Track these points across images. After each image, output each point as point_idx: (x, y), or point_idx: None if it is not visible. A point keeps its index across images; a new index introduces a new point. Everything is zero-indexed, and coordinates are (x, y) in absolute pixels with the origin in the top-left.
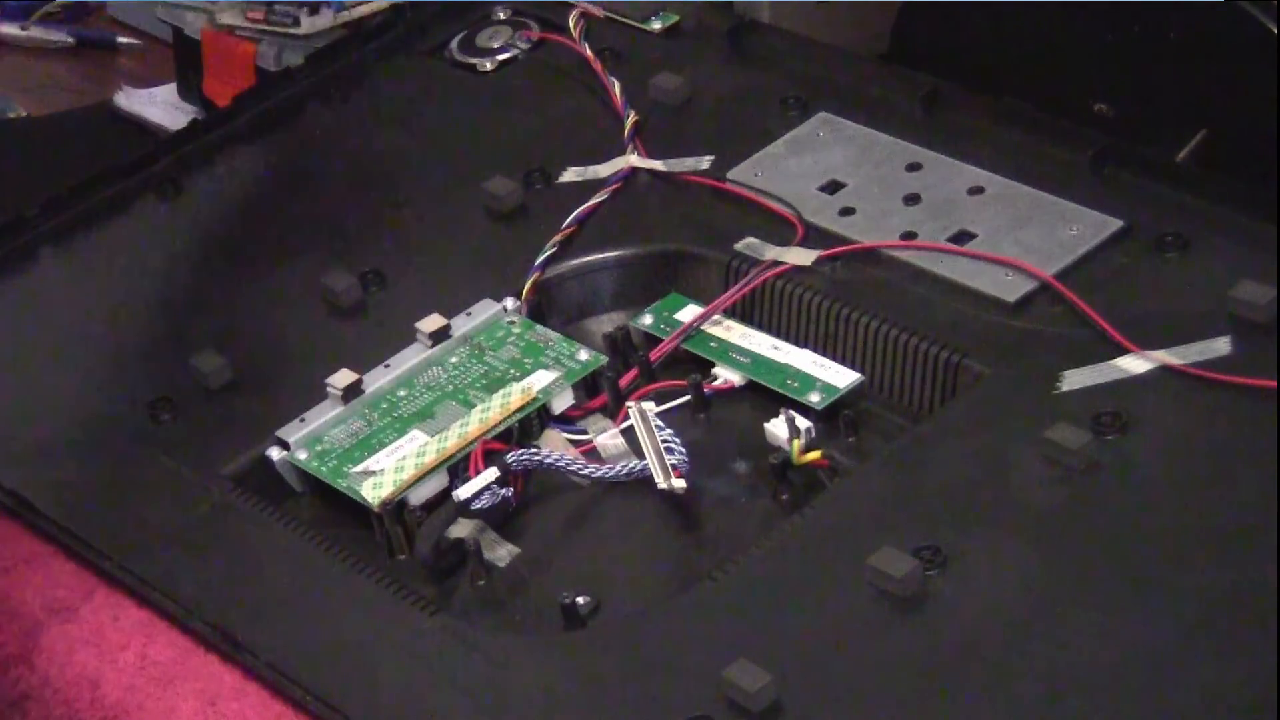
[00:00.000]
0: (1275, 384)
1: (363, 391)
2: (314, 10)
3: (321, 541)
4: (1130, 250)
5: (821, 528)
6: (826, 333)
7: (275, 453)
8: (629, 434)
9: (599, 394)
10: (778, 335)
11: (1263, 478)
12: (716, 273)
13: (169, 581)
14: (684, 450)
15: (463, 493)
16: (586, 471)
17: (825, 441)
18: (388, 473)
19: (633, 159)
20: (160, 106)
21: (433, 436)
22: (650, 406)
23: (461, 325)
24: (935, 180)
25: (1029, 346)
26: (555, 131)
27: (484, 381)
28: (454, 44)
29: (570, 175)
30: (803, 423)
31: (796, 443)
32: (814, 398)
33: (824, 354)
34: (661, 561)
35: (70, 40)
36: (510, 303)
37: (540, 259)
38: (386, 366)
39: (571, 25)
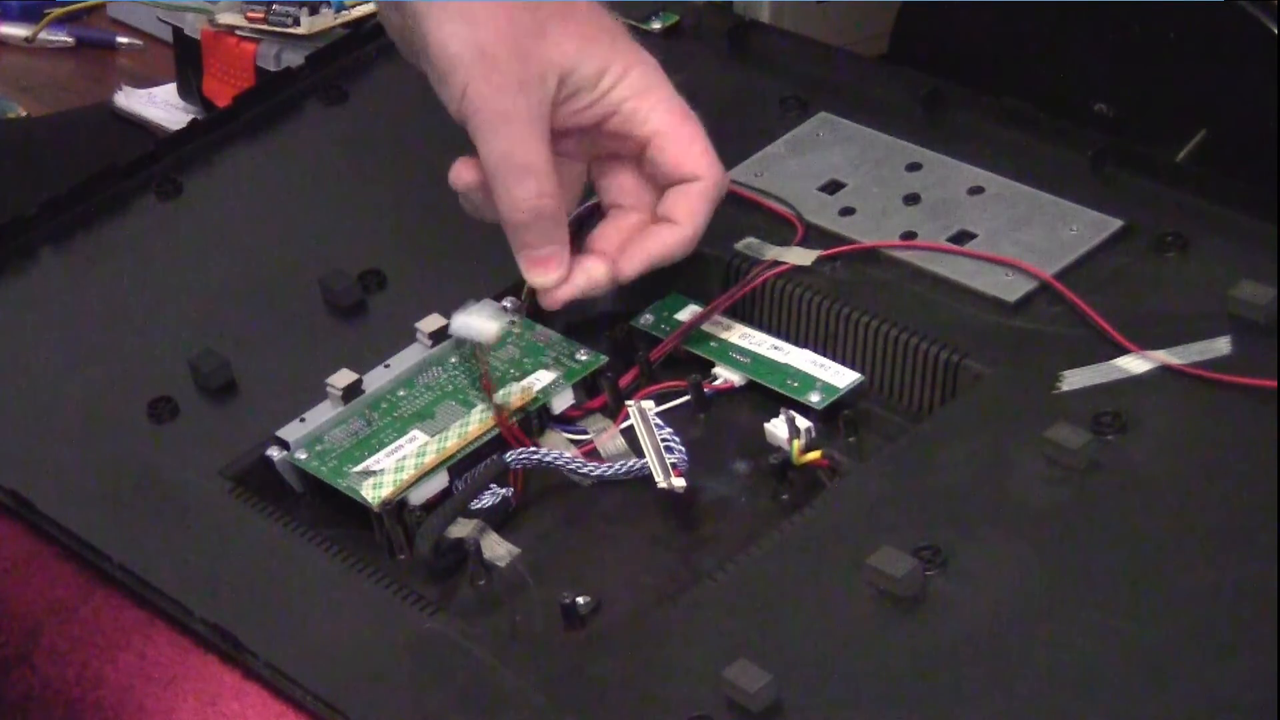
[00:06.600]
0: (1275, 384)
1: (363, 391)
2: (314, 10)
3: (321, 541)
4: (1130, 250)
5: (821, 528)
6: (826, 333)
7: (275, 453)
8: (629, 433)
9: (599, 394)
10: (778, 335)
11: (1263, 478)
12: (716, 273)
13: (169, 581)
14: (684, 449)
15: None
16: (586, 470)
17: (825, 441)
18: (388, 473)
19: None
20: (160, 106)
21: (433, 436)
22: (650, 406)
23: None
24: (935, 180)
25: (1029, 346)
26: None
27: None
28: None
29: None
30: (803, 423)
31: (796, 443)
32: (814, 398)
33: (824, 354)
34: (661, 561)
35: (70, 40)
36: (510, 303)
37: None
38: (386, 366)
39: None
